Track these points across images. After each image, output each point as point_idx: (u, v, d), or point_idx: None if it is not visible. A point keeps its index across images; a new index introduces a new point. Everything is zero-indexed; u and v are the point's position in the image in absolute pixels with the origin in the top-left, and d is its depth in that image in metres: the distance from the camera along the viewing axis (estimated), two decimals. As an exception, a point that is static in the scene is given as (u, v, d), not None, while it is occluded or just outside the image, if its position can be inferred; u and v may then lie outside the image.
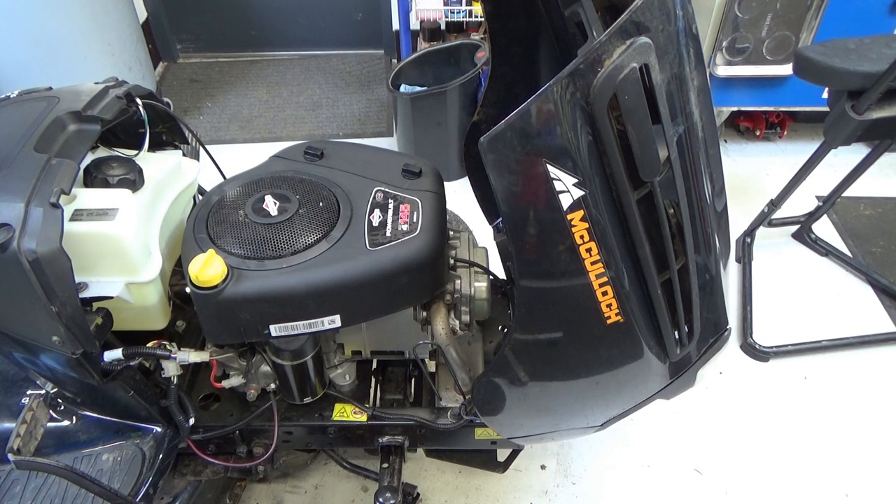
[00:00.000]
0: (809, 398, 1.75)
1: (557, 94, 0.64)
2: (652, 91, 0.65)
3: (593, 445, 1.63)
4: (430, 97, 2.28)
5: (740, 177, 2.54)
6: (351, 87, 3.12)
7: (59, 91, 1.12)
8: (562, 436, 1.11)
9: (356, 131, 2.81)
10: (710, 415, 1.70)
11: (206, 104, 2.99)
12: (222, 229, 0.96)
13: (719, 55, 2.18)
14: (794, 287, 2.07)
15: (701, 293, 0.79)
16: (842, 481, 1.56)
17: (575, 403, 0.94)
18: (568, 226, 0.70)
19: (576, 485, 1.55)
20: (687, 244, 0.74)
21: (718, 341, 0.87)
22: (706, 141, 0.74)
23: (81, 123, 1.03)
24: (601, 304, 0.76)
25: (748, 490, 1.54)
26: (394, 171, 1.07)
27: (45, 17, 2.20)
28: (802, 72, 1.64)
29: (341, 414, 1.17)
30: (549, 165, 0.67)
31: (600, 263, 0.73)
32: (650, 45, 0.63)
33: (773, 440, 1.65)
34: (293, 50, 3.36)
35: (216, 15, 3.21)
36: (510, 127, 0.66)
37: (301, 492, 1.53)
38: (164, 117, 1.24)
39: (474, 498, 1.52)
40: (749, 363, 1.84)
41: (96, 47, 2.40)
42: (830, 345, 1.86)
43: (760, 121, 2.65)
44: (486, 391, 0.91)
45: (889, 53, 1.52)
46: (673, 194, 0.71)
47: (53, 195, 0.88)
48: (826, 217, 2.29)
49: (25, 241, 0.85)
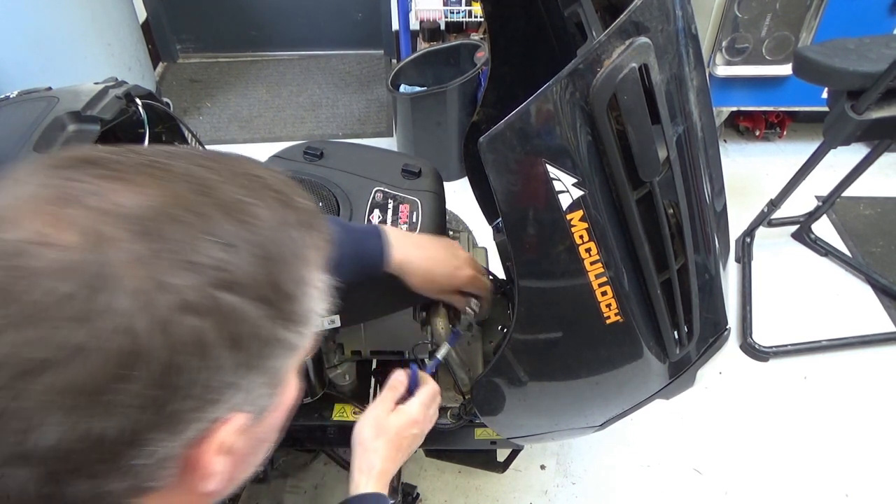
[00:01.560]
0: (809, 398, 1.75)
1: (557, 94, 0.64)
2: (651, 91, 0.65)
3: (593, 445, 1.63)
4: (430, 97, 2.28)
5: (740, 177, 2.54)
6: (351, 87, 3.12)
7: (59, 91, 1.12)
8: (561, 436, 1.11)
9: (356, 131, 2.81)
10: (709, 415, 1.70)
11: (206, 104, 2.99)
12: (222, 229, 0.96)
13: (719, 55, 2.17)
14: (793, 287, 2.07)
15: (700, 293, 0.79)
16: (842, 481, 1.56)
17: (574, 403, 0.94)
18: (567, 226, 0.70)
19: (576, 485, 1.55)
20: (686, 244, 0.74)
21: (718, 341, 0.87)
22: (706, 141, 0.74)
23: (81, 123, 1.03)
24: (601, 304, 0.76)
25: (748, 490, 1.54)
26: (393, 171, 1.07)
27: (45, 18, 2.20)
28: (802, 72, 1.64)
29: (341, 414, 1.17)
30: (549, 165, 0.67)
31: (600, 263, 0.73)
32: (649, 45, 0.63)
33: (773, 440, 1.65)
34: (293, 50, 3.36)
35: (216, 15, 3.21)
36: (509, 127, 0.66)
37: (301, 492, 1.52)
38: (164, 117, 1.24)
39: (474, 498, 1.52)
40: (749, 363, 1.84)
41: (96, 47, 2.40)
42: (830, 345, 1.86)
43: (760, 121, 2.65)
44: (485, 391, 0.91)
45: (888, 53, 1.52)
46: (672, 194, 0.71)
47: None
48: (826, 217, 2.28)
49: (25, 241, 0.85)
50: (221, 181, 0.38)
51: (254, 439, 0.44)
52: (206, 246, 0.35)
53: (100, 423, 0.33)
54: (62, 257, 0.32)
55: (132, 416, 0.34)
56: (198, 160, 0.39)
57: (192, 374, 0.35)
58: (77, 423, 0.33)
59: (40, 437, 0.33)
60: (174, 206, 0.35)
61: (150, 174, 0.36)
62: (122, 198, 0.34)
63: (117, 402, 0.33)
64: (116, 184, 0.35)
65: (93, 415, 0.33)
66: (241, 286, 0.36)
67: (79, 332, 0.32)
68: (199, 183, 0.37)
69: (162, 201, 0.35)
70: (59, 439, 0.33)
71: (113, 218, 0.34)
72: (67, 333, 0.32)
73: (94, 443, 0.34)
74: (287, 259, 0.39)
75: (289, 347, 0.40)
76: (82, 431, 0.33)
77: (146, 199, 0.35)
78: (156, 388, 0.34)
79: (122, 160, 0.37)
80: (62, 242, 0.33)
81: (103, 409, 0.33)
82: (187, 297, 0.34)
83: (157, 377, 0.34)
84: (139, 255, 0.33)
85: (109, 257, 0.33)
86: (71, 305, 0.32)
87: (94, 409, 0.33)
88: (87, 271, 0.32)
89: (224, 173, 0.39)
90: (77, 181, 0.35)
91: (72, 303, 0.32)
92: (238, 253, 0.36)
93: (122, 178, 0.36)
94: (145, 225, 0.34)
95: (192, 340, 0.34)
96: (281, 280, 0.38)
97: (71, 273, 0.32)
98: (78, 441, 0.33)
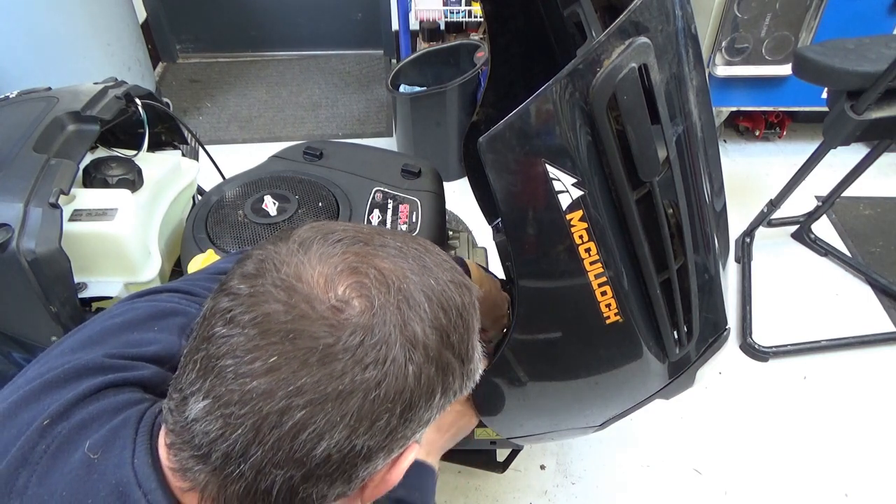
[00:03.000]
0: (809, 398, 1.75)
1: (556, 94, 0.64)
2: (651, 91, 0.65)
3: (593, 445, 1.63)
4: (430, 97, 2.28)
5: (740, 177, 2.54)
6: (350, 87, 3.12)
7: (59, 91, 1.12)
8: (561, 436, 1.11)
9: (356, 131, 2.81)
10: (709, 415, 1.70)
11: (206, 104, 2.99)
12: (221, 229, 0.96)
13: (718, 55, 2.18)
14: (793, 287, 2.07)
15: (700, 293, 0.79)
16: (842, 481, 1.56)
17: (574, 403, 0.94)
18: (567, 226, 0.70)
19: (575, 485, 1.55)
20: (686, 244, 0.74)
21: (718, 341, 0.87)
22: (705, 141, 0.74)
23: (80, 124, 1.03)
24: (600, 304, 0.76)
25: (748, 490, 1.54)
26: (393, 172, 1.07)
27: (45, 17, 2.20)
28: (802, 72, 1.64)
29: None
30: (548, 165, 0.67)
31: (599, 263, 0.73)
32: (649, 45, 0.63)
33: (773, 440, 1.65)
34: (293, 50, 3.36)
35: (216, 15, 3.21)
36: (509, 127, 0.66)
37: (300, 492, 1.52)
38: (164, 117, 1.24)
39: (474, 498, 1.52)
40: (748, 363, 1.84)
41: (95, 47, 2.40)
42: (830, 345, 1.86)
43: (760, 121, 2.65)
44: (485, 391, 0.90)
45: (888, 53, 1.52)
46: (672, 194, 0.71)
47: (52, 195, 0.88)
48: (825, 217, 2.29)
49: (24, 241, 0.85)
50: (433, 263, 0.50)
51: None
52: (438, 313, 0.47)
53: (362, 441, 0.44)
54: (358, 317, 0.44)
55: (381, 438, 0.45)
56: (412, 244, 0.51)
57: (419, 412, 0.46)
58: (350, 441, 0.43)
59: (320, 448, 0.43)
60: (421, 284, 0.47)
61: (400, 254, 0.49)
62: (392, 274, 0.46)
63: (379, 427, 0.44)
64: (384, 261, 0.47)
65: (362, 435, 0.44)
66: (455, 348, 0.48)
67: (369, 373, 0.43)
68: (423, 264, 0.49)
69: (413, 279, 0.47)
70: (332, 451, 0.43)
71: (389, 290, 0.45)
72: (362, 373, 0.43)
73: (350, 456, 0.44)
74: (472, 329, 0.51)
75: (458, 395, 0.51)
76: (349, 447, 0.44)
77: (403, 274, 0.47)
78: (399, 420, 0.45)
79: (380, 240, 0.49)
80: (356, 306, 0.44)
81: (369, 431, 0.44)
82: (430, 353, 0.46)
83: (404, 410, 0.45)
84: (405, 319, 0.45)
85: (388, 320, 0.44)
86: (365, 353, 0.43)
87: (365, 431, 0.44)
88: (377, 329, 0.44)
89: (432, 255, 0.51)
90: (358, 256, 0.47)
91: (367, 351, 0.43)
92: (452, 321, 0.48)
93: (385, 255, 0.48)
94: (408, 298, 0.46)
95: (427, 386, 0.46)
96: (469, 346, 0.50)
97: (365, 330, 0.43)
98: (343, 454, 0.44)
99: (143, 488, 0.47)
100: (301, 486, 0.44)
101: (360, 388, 0.42)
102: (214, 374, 0.43)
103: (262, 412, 0.42)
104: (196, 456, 0.45)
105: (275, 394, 0.41)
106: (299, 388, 0.41)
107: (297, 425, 0.42)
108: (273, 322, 0.43)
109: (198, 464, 0.45)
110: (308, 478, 0.44)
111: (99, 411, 0.53)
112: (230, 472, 0.44)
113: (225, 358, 0.43)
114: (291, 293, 0.44)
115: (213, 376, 0.43)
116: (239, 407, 0.42)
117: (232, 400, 0.42)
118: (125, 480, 0.47)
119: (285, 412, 0.41)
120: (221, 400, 0.43)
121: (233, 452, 0.43)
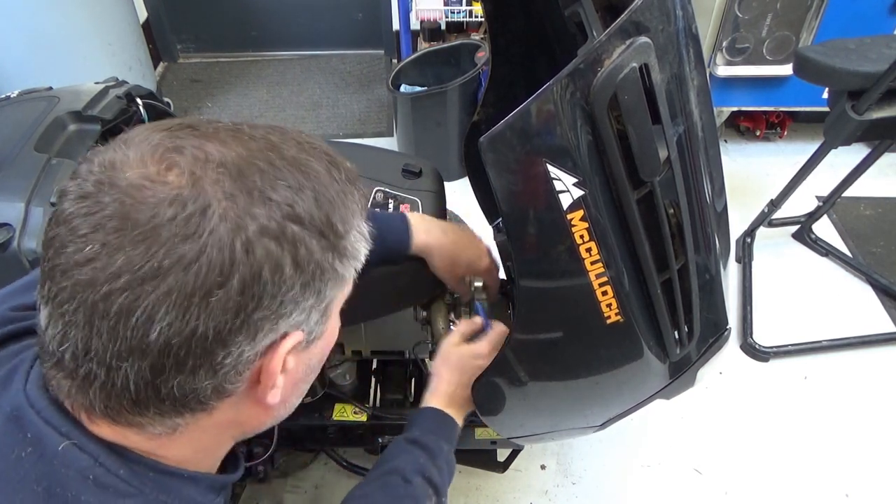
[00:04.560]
0: (809, 398, 1.75)
1: (557, 94, 0.64)
2: (652, 91, 0.65)
3: (593, 445, 1.63)
4: (430, 97, 2.28)
5: (740, 177, 2.54)
6: (351, 87, 3.12)
7: (59, 91, 1.12)
8: (562, 436, 1.11)
9: (356, 131, 2.81)
10: (709, 415, 1.70)
11: (207, 104, 2.99)
12: (222, 229, 0.96)
13: (719, 55, 2.18)
14: (794, 287, 2.07)
15: (701, 293, 0.79)
16: (842, 481, 1.56)
17: (575, 403, 0.94)
18: (568, 225, 0.70)
19: (576, 485, 1.55)
20: (687, 244, 0.74)
21: (718, 341, 0.87)
22: (706, 141, 0.74)
23: (81, 123, 1.03)
24: (601, 304, 0.76)
25: (748, 490, 1.54)
26: (394, 171, 1.07)
27: (45, 17, 2.20)
28: (802, 72, 1.64)
29: (341, 414, 1.17)
30: (549, 165, 0.67)
31: (600, 263, 0.73)
32: (650, 45, 0.63)
33: (773, 440, 1.65)
34: (293, 50, 3.36)
35: (216, 15, 3.21)
36: (510, 127, 0.66)
37: (301, 492, 1.53)
38: (165, 117, 1.24)
39: (474, 498, 1.52)
40: (749, 363, 1.84)
41: (96, 47, 2.40)
42: (830, 345, 1.86)
43: (760, 121, 2.65)
44: (485, 391, 0.91)
45: (889, 54, 1.52)
46: (673, 194, 0.71)
47: (54, 195, 0.88)
48: (826, 217, 2.28)
49: (26, 240, 0.85)
50: (286, 143, 0.48)
51: (304, 364, 0.53)
52: (279, 188, 0.45)
53: (202, 322, 0.42)
54: (171, 191, 0.42)
55: (225, 319, 0.43)
56: (267, 129, 0.49)
57: (269, 288, 0.44)
58: (185, 322, 0.41)
59: (154, 333, 0.41)
60: (253, 157, 0.45)
61: (235, 136, 0.46)
62: (216, 151, 0.44)
63: (215, 305, 0.42)
64: (211, 141, 0.45)
65: (198, 315, 0.42)
66: (305, 220, 0.45)
67: (186, 246, 0.41)
68: (270, 143, 0.47)
69: (245, 154, 0.45)
70: (169, 335, 0.42)
71: (209, 164, 0.43)
72: (178, 247, 0.41)
73: (195, 340, 0.42)
74: (337, 204, 0.48)
75: (338, 278, 0.50)
76: (188, 329, 0.42)
77: (233, 152, 0.45)
78: (243, 296, 0.43)
79: (214, 126, 0.47)
80: (171, 181, 0.42)
81: (205, 310, 0.42)
82: (266, 224, 0.43)
83: (244, 287, 0.42)
84: (229, 191, 0.43)
85: (207, 192, 0.42)
86: (180, 226, 0.41)
87: (198, 310, 0.42)
88: (191, 201, 0.41)
89: (287, 139, 0.49)
90: (179, 139, 0.45)
91: (180, 224, 0.41)
92: (302, 194, 0.46)
93: (215, 137, 0.46)
94: (232, 170, 0.44)
95: (270, 259, 0.43)
96: (334, 219, 0.48)
97: (179, 202, 0.41)
98: (183, 338, 0.42)
99: (35, 407, 0.47)
100: (158, 380, 0.43)
101: (176, 263, 0.41)
102: (49, 277, 0.43)
103: (89, 303, 0.41)
104: (55, 365, 0.45)
105: (96, 281, 0.41)
106: (115, 272, 0.40)
107: (122, 310, 0.41)
108: (88, 210, 0.42)
109: (58, 372, 0.46)
110: (158, 369, 0.43)
111: (0, 358, 0.55)
112: (84, 374, 0.44)
113: (56, 257, 0.43)
114: (102, 179, 0.43)
115: (49, 280, 0.43)
116: (70, 303, 0.42)
117: (64, 298, 0.42)
118: (18, 405, 0.48)
119: (107, 298, 0.41)
120: (56, 300, 0.43)
121: (77, 352, 0.43)
